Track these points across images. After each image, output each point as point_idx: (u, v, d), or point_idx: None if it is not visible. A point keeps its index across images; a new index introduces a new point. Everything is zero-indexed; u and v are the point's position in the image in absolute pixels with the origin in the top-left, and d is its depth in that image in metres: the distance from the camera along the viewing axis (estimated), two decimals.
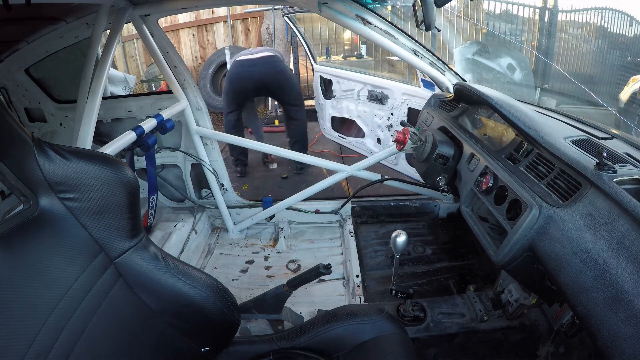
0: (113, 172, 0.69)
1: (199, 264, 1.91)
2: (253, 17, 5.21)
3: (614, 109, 2.95)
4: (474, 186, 1.25)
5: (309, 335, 0.93)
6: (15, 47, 1.67)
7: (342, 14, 1.40)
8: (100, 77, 1.25)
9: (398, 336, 0.93)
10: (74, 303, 0.63)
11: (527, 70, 3.39)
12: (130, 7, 1.48)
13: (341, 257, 1.90)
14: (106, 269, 0.70)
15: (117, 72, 4.30)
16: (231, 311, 0.86)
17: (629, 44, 3.32)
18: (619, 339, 0.65)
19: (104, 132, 1.96)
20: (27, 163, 0.61)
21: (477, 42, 3.50)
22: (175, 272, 0.77)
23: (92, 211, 0.67)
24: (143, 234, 0.76)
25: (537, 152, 1.09)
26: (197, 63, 5.48)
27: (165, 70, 1.72)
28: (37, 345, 0.57)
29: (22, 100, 1.93)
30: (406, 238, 1.21)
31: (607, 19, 3.40)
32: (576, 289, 0.76)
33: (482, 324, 1.34)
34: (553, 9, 3.53)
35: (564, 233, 0.83)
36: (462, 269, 1.75)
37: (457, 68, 3.12)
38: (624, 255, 0.70)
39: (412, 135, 1.53)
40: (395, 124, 2.57)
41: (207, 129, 1.89)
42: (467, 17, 3.87)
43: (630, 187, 0.83)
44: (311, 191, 1.98)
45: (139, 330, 0.75)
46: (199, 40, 5.41)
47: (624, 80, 3.15)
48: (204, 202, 2.16)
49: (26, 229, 0.60)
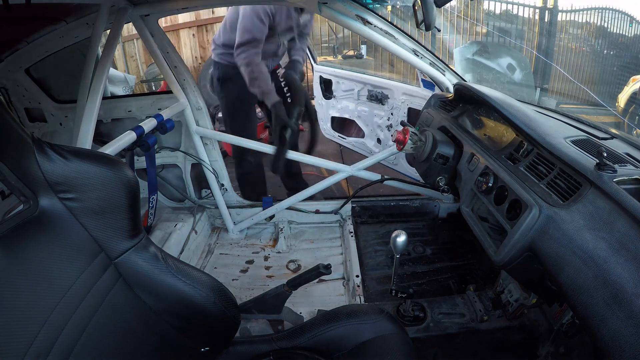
0: (113, 172, 0.69)
1: (199, 264, 1.91)
2: None
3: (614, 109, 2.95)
4: (474, 186, 1.25)
5: (309, 335, 0.93)
6: (15, 47, 1.67)
7: (342, 14, 1.40)
8: (100, 77, 1.25)
9: (398, 336, 0.93)
10: (74, 303, 0.63)
11: (527, 70, 3.40)
12: (130, 7, 1.48)
13: (341, 257, 1.90)
14: (106, 269, 0.70)
15: (117, 72, 4.31)
16: (231, 311, 0.86)
17: (629, 44, 3.32)
18: (619, 338, 0.65)
19: (104, 132, 1.96)
20: (27, 163, 0.61)
21: (477, 42, 3.50)
22: (175, 272, 0.77)
23: (92, 211, 0.67)
24: (143, 234, 0.76)
25: (537, 152, 1.09)
26: (197, 63, 5.48)
27: (165, 70, 1.72)
28: (37, 345, 0.57)
29: (22, 100, 1.93)
30: (406, 238, 1.21)
31: (607, 19, 3.41)
32: (576, 288, 0.76)
33: (482, 324, 1.34)
34: (553, 9, 3.53)
35: (564, 233, 0.83)
36: (462, 269, 1.75)
37: (457, 68, 3.12)
38: (624, 255, 0.70)
39: (412, 135, 1.53)
40: (395, 124, 2.57)
41: (207, 129, 1.89)
42: (467, 17, 3.87)
43: (630, 187, 0.83)
44: (311, 191, 1.98)
45: (139, 330, 0.75)
46: (199, 40, 5.41)
47: (624, 80, 3.15)
48: (204, 202, 2.16)
49: (26, 229, 0.60)
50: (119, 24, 1.43)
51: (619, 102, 3.09)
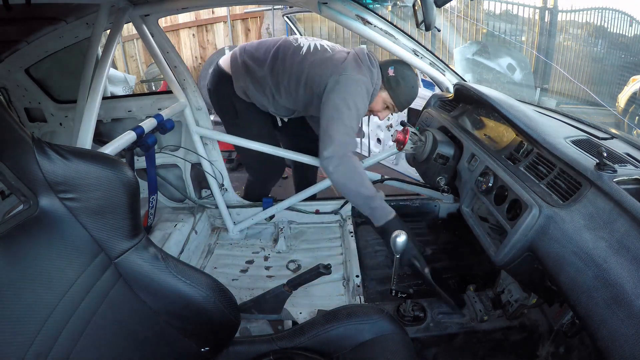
0: (113, 172, 0.69)
1: (199, 264, 1.91)
2: (253, 17, 5.21)
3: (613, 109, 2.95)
4: (474, 186, 1.25)
5: (309, 335, 0.93)
6: (15, 47, 1.67)
7: (342, 14, 1.40)
8: (100, 77, 1.25)
9: (398, 336, 0.93)
10: (74, 303, 0.63)
11: (527, 70, 3.40)
12: (130, 7, 1.48)
13: (341, 257, 1.90)
14: (106, 269, 0.70)
15: (117, 72, 4.31)
16: (231, 311, 0.86)
17: (629, 44, 3.32)
18: (618, 339, 0.65)
19: (104, 132, 1.96)
20: (27, 163, 0.61)
21: (477, 42, 3.50)
22: (175, 272, 0.77)
23: (92, 211, 0.67)
24: (143, 234, 0.76)
25: (537, 152, 1.09)
26: (197, 63, 5.48)
27: (165, 70, 1.71)
28: (37, 345, 0.57)
29: (22, 100, 1.93)
30: (406, 238, 1.21)
31: (607, 19, 3.40)
32: (576, 289, 0.76)
33: (482, 324, 1.34)
34: (553, 9, 3.53)
35: (564, 233, 0.83)
36: (462, 269, 1.75)
37: (457, 68, 3.12)
38: (624, 255, 0.71)
39: (412, 135, 1.53)
40: (395, 124, 2.57)
41: (207, 129, 1.89)
42: (467, 17, 3.87)
43: (630, 187, 0.83)
44: (311, 191, 1.98)
45: (139, 330, 0.75)
46: (199, 40, 5.41)
47: (624, 80, 3.15)
48: (204, 202, 2.16)
49: (26, 229, 0.60)
50: (119, 24, 1.43)
51: (619, 102, 3.09)
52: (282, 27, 4.99)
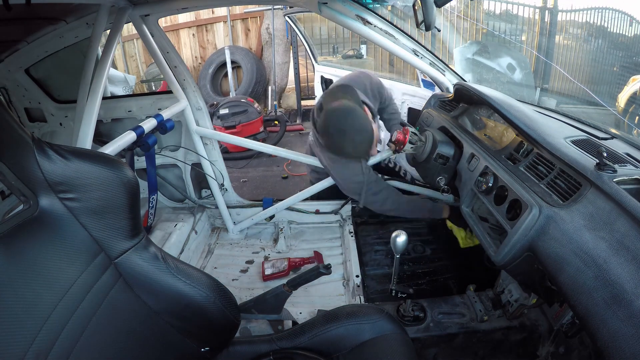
0: (113, 172, 0.69)
1: (199, 264, 1.91)
2: (253, 17, 5.21)
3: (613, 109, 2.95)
4: (474, 186, 1.25)
5: (309, 335, 0.93)
6: (15, 47, 1.67)
7: (342, 14, 1.40)
8: (100, 77, 1.25)
9: (398, 336, 0.93)
10: (74, 303, 0.63)
11: (527, 70, 3.40)
12: (130, 7, 1.48)
13: (341, 257, 1.90)
14: (106, 269, 0.70)
15: (117, 72, 4.31)
16: (231, 311, 0.86)
17: (629, 44, 3.32)
18: (618, 338, 0.65)
19: (104, 132, 1.96)
20: (27, 163, 0.61)
21: (477, 42, 3.50)
22: (175, 272, 0.77)
23: (92, 211, 0.67)
24: (143, 234, 0.76)
25: (537, 152, 1.09)
26: (197, 63, 5.48)
27: (165, 70, 1.71)
28: (37, 345, 0.57)
29: (22, 100, 1.93)
30: (406, 238, 1.21)
31: (607, 19, 3.40)
32: (576, 289, 0.76)
33: (482, 324, 1.34)
34: (553, 9, 3.53)
35: (564, 233, 0.83)
36: (462, 269, 1.75)
37: (457, 68, 3.12)
38: (624, 255, 0.71)
39: (412, 135, 1.53)
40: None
41: (207, 129, 1.89)
42: (467, 17, 3.87)
43: (630, 187, 0.83)
44: (311, 191, 1.98)
45: (139, 330, 0.75)
46: (199, 40, 5.41)
47: (624, 80, 3.15)
48: (204, 202, 2.16)
49: (26, 229, 0.60)
50: (119, 24, 1.42)
51: (619, 102, 3.09)
52: (282, 27, 4.99)
